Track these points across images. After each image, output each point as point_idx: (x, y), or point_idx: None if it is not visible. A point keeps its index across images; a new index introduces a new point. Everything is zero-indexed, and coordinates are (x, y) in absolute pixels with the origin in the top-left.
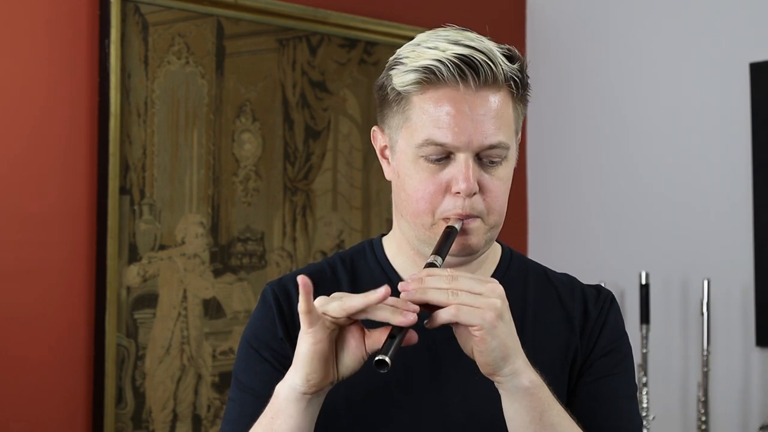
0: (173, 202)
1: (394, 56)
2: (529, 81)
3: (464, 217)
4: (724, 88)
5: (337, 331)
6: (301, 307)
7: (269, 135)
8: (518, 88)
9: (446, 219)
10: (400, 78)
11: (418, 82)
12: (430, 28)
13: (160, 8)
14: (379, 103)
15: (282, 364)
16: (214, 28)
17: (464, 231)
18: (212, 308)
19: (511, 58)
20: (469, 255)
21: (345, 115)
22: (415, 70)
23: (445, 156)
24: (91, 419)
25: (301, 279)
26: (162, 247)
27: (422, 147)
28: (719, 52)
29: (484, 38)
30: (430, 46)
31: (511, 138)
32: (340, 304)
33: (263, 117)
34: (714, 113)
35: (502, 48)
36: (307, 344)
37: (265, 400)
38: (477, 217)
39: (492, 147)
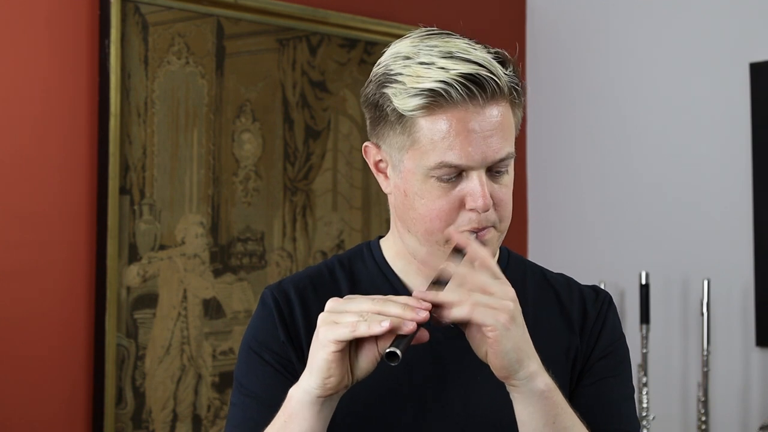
0: (173, 202)
1: (382, 70)
2: (522, 83)
3: (479, 230)
4: (724, 88)
5: None
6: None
7: (269, 135)
8: (516, 96)
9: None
10: (404, 101)
11: (425, 106)
12: (462, 32)
13: (160, 8)
14: (373, 120)
15: (284, 367)
16: (214, 28)
17: (480, 243)
18: (212, 308)
19: (504, 64)
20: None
21: (345, 115)
22: (421, 94)
23: (456, 174)
24: (91, 419)
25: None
26: (162, 247)
27: (435, 169)
28: (719, 52)
29: (473, 43)
30: (426, 62)
31: (513, 145)
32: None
33: (263, 117)
34: (714, 113)
35: (491, 53)
36: (327, 352)
37: (268, 404)
38: (491, 227)
39: (502, 160)
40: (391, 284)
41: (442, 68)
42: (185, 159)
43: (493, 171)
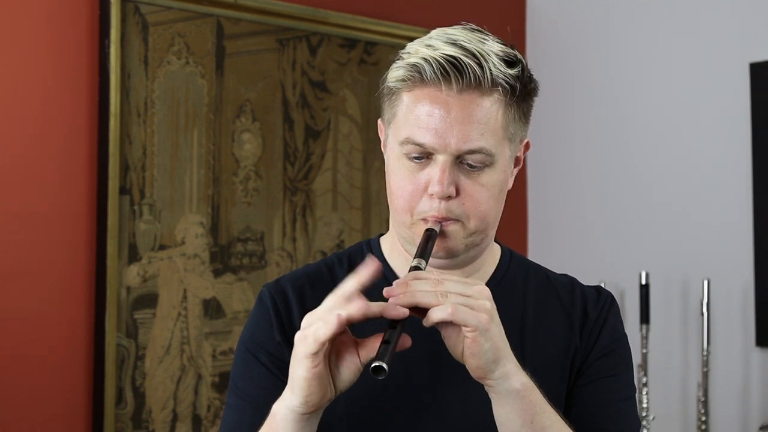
0: (173, 202)
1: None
2: (527, 87)
3: (440, 220)
4: (724, 88)
5: (329, 347)
6: (320, 338)
7: (269, 135)
8: (509, 94)
9: (424, 220)
10: (393, 73)
11: (404, 80)
12: (430, 29)
13: (160, 8)
14: (381, 95)
15: (279, 368)
16: (214, 28)
17: (443, 233)
18: (212, 308)
19: (511, 63)
20: (450, 258)
21: (345, 115)
22: (403, 67)
23: (425, 156)
24: (91, 419)
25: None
26: (162, 247)
27: (403, 145)
28: (719, 52)
29: (489, 39)
30: (429, 44)
31: (498, 145)
32: (340, 313)
33: (263, 117)
34: (714, 113)
35: (503, 51)
36: (305, 368)
37: (262, 406)
38: (456, 220)
39: (472, 152)
40: (389, 282)
41: (436, 49)
42: (185, 159)
43: (465, 163)
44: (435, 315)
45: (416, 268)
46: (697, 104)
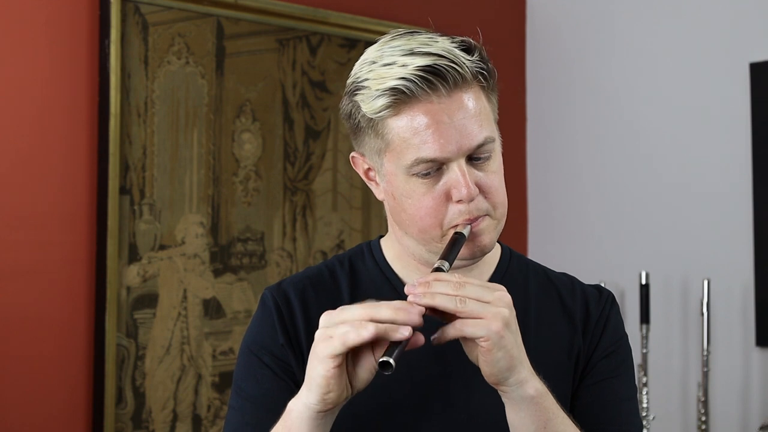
0: (173, 202)
1: (351, 79)
2: (492, 66)
3: (471, 221)
4: (724, 88)
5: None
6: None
7: (269, 135)
8: (486, 80)
9: (455, 227)
10: (369, 104)
11: (388, 106)
12: (430, 29)
13: (160, 8)
14: (351, 131)
15: (283, 370)
16: (214, 28)
17: (474, 234)
18: (212, 308)
19: (468, 51)
20: (482, 256)
21: None
22: (383, 94)
23: (435, 169)
24: (91, 419)
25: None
26: (162, 247)
27: (413, 166)
28: (719, 52)
29: (436, 36)
30: (388, 63)
31: (494, 129)
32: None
33: (263, 117)
34: (714, 113)
35: (455, 42)
36: (325, 368)
37: (266, 408)
38: (484, 215)
39: (480, 145)
40: (391, 284)
41: (403, 65)
42: (185, 159)
43: (473, 159)
44: (446, 334)
45: (439, 269)
46: (697, 104)
